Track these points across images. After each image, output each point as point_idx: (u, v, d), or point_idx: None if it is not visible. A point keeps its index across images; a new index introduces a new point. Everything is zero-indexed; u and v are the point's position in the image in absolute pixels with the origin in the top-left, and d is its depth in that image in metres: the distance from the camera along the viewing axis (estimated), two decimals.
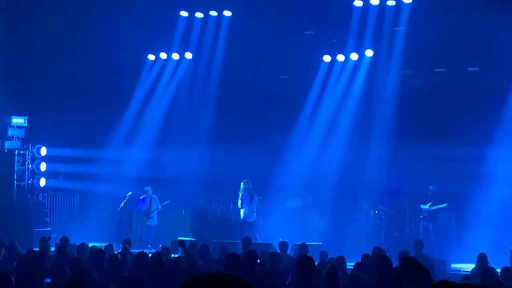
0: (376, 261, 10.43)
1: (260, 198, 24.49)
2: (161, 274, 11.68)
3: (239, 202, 22.43)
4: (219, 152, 24.63)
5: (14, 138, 23.86)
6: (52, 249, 16.47)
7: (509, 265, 15.72)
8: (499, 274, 12.52)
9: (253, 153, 24.64)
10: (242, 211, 22.40)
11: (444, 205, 21.50)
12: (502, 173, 21.66)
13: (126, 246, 16.51)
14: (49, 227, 23.71)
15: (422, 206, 21.77)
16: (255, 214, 22.49)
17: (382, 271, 10.00)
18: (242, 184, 22.57)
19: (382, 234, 22.12)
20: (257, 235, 21.56)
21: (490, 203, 21.71)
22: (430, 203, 21.44)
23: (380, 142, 23.89)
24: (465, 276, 12.48)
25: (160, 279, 11.61)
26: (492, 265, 14.54)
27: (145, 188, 23.32)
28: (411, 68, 24.16)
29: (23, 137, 24.00)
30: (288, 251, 17.11)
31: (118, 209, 22.46)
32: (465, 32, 22.35)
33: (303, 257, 9.66)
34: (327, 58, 24.69)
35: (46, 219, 24.18)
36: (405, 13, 22.80)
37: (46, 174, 24.44)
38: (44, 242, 15.90)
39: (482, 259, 14.61)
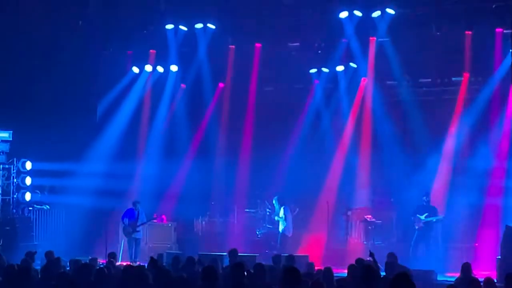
0: (362, 271, 10.41)
1: (247, 210, 24.54)
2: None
3: (285, 214, 22.11)
4: (204, 165, 24.65)
5: None
6: (39, 263, 16.38)
7: (495, 274, 15.79)
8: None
9: (239, 166, 24.71)
10: (283, 225, 22.13)
11: (441, 217, 21.40)
12: (486, 183, 21.75)
13: (111, 259, 16.44)
14: (35, 242, 23.57)
15: (419, 216, 21.60)
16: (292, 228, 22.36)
17: (369, 281, 9.97)
18: (277, 200, 22.33)
19: (368, 245, 22.11)
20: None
21: (475, 213, 21.78)
22: (426, 214, 21.33)
23: (366, 153, 23.94)
24: (451, 286, 12.47)
25: None
26: (479, 275, 14.57)
27: (133, 201, 23.23)
28: (396, 79, 24.23)
29: (8, 151, 23.87)
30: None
31: (106, 223, 22.34)
32: (449, 43, 22.49)
33: (289, 269, 9.63)
34: (312, 70, 24.75)
35: (32, 233, 24.04)
36: (390, 24, 22.87)
37: (31, 188, 24.32)
38: (29, 256, 15.79)
39: (466, 269, 14.61)
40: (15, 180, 24.00)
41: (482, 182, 21.84)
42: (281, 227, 22.18)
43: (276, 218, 22.38)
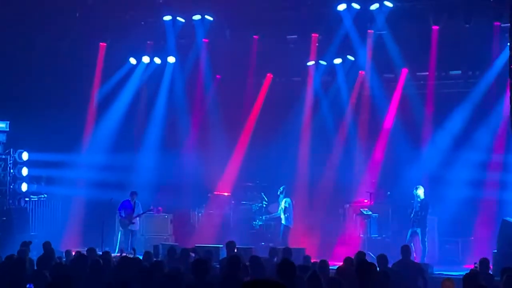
0: (356, 265, 10.42)
1: (244, 202, 24.55)
2: (144, 279, 11.62)
3: (285, 206, 22.24)
4: (201, 157, 24.64)
5: None
6: (35, 253, 16.38)
7: (491, 268, 15.79)
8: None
9: (236, 158, 24.68)
10: (285, 216, 22.23)
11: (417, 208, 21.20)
12: (483, 177, 21.74)
13: (107, 251, 16.45)
14: (32, 232, 23.54)
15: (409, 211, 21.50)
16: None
17: (363, 275, 9.99)
18: (283, 188, 22.43)
19: (365, 238, 22.12)
20: None
21: (472, 207, 21.77)
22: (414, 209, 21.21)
23: (363, 146, 23.94)
24: (448, 279, 12.48)
25: (143, 284, 11.55)
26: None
27: (130, 193, 23.21)
28: (393, 72, 24.21)
29: (4, 141, 23.85)
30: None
31: (102, 214, 22.32)
32: (447, 36, 22.46)
33: (284, 262, 9.65)
34: (310, 62, 24.71)
35: (28, 224, 24.02)
36: (387, 17, 22.83)
37: (27, 179, 24.29)
38: (24, 247, 15.79)
39: (484, 264, 14.63)
40: (11, 170, 23.97)
41: (478, 176, 21.82)
42: (283, 219, 22.23)
43: (279, 208, 22.44)
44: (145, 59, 25.62)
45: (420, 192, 21.05)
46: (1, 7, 23.17)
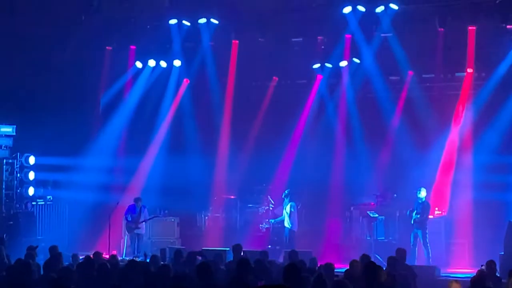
0: (363, 268, 10.42)
1: (250, 205, 24.57)
2: (150, 283, 11.64)
3: (291, 211, 22.28)
4: (208, 160, 24.65)
5: (2, 147, 23.76)
6: (42, 257, 16.42)
7: (498, 271, 15.77)
8: None
9: (242, 161, 24.69)
10: (290, 220, 22.25)
11: (410, 212, 21.16)
12: (490, 179, 21.71)
13: (114, 254, 16.48)
14: (38, 236, 23.60)
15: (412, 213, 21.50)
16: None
17: (370, 278, 9.99)
18: (288, 192, 22.45)
19: (371, 241, 22.10)
20: None
21: (478, 209, 21.73)
22: (415, 211, 21.15)
23: (369, 149, 23.91)
24: (455, 281, 12.47)
25: (150, 287, 11.57)
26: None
27: (136, 197, 23.26)
28: (399, 74, 24.19)
29: (11, 146, 23.91)
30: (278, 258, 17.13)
31: (109, 218, 22.35)
32: (453, 38, 22.46)
33: (289, 265, 9.67)
34: (315, 65, 24.70)
35: (35, 228, 24.07)
36: (393, 20, 22.82)
37: (34, 183, 24.35)
38: (31, 251, 15.82)
39: (491, 266, 14.63)
40: (18, 174, 24.05)
41: (485, 177, 21.77)
42: (287, 223, 22.25)
43: (284, 211, 22.48)
44: (151, 63, 25.62)
45: (423, 194, 21.04)
46: (7, 12, 23.24)
